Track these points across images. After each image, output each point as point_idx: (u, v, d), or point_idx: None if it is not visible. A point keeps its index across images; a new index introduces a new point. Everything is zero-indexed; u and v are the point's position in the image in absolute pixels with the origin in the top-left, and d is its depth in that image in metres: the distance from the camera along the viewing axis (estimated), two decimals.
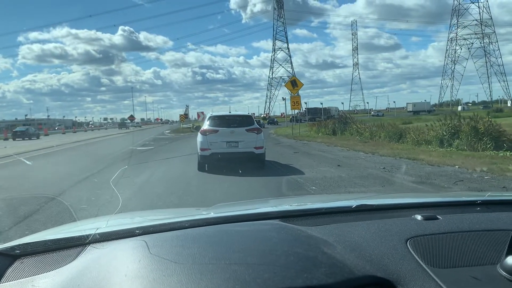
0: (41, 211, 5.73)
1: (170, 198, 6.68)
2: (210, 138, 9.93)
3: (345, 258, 0.99)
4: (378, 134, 20.44)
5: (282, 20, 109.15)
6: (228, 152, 9.90)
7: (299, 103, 28.28)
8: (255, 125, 10.62)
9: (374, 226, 1.22)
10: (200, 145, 9.97)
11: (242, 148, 9.92)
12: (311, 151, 15.33)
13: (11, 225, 4.83)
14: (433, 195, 3.41)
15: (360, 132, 22.69)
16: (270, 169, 10.13)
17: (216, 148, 9.81)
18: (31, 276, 1.04)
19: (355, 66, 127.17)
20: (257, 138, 10.12)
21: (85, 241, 1.18)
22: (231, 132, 10.06)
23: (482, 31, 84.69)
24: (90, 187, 7.91)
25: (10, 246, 1.18)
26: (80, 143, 26.79)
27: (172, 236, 1.18)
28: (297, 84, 28.20)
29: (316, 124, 31.26)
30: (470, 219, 1.26)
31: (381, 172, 9.31)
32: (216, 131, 10.04)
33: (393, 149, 14.42)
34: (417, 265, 0.98)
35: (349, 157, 12.75)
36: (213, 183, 8.29)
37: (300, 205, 1.84)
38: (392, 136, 18.52)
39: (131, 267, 0.96)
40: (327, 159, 12.35)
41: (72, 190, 7.75)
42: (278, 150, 15.91)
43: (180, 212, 1.94)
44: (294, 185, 7.69)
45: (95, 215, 5.17)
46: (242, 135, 10.01)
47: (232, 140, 9.95)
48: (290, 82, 28.15)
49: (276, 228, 1.23)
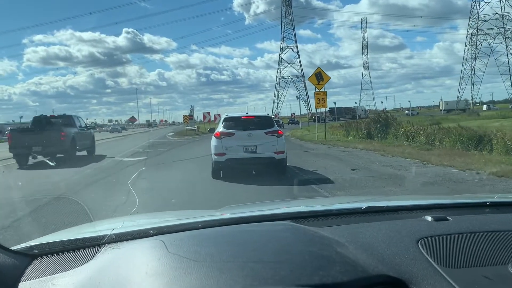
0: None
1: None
2: (225, 142, 8.95)
3: (358, 258, 1.00)
4: (437, 138, 15.68)
5: (290, 18, 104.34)
6: (245, 157, 8.96)
7: (325, 100, 23.47)
8: (275, 127, 9.42)
9: (384, 227, 1.23)
10: (214, 149, 9.03)
11: (261, 153, 8.95)
12: (374, 166, 10.51)
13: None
14: (443, 197, 3.15)
15: (410, 135, 17.88)
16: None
17: (232, 153, 8.90)
18: (50, 275, 1.06)
19: (364, 65, 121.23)
20: (277, 141, 9.10)
21: (101, 241, 1.19)
22: (249, 135, 9.08)
23: (504, 26, 79.60)
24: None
25: (28, 246, 1.20)
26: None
27: (188, 236, 1.19)
28: (323, 78, 23.41)
29: (343, 126, 26.26)
30: (480, 220, 1.28)
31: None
32: (231, 134, 9.06)
33: (496, 162, 9.65)
34: (429, 265, 0.98)
35: (456, 180, 7.94)
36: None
37: (311, 206, 1.86)
38: (465, 141, 13.72)
39: (151, 265, 0.98)
40: (428, 186, 7.60)
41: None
42: (317, 162, 11.15)
43: (193, 214, 1.94)
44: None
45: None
46: (261, 139, 9.03)
47: (249, 144, 8.96)
48: (314, 75, 23.34)
49: (289, 229, 1.25)
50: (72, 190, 8.05)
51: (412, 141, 17.31)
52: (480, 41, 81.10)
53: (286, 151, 9.41)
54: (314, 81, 23.32)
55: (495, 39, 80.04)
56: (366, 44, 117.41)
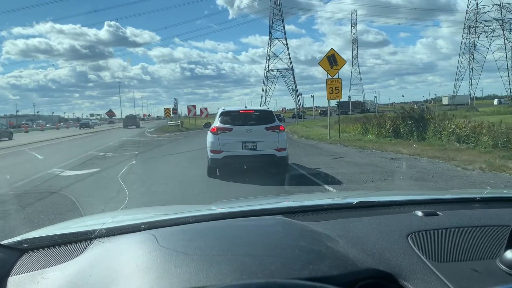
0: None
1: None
2: (222, 138, 8.20)
3: (348, 252, 1.00)
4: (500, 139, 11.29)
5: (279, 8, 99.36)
6: (244, 155, 8.18)
7: (339, 90, 18.83)
8: (277, 122, 8.59)
9: (375, 222, 1.23)
10: (210, 146, 8.25)
11: (261, 150, 8.18)
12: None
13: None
14: (433, 192, 3.15)
15: (462, 135, 13.37)
16: None
17: (229, 150, 8.12)
18: (40, 269, 1.05)
19: (354, 59, 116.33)
20: (279, 137, 8.35)
21: (91, 236, 1.19)
22: (248, 131, 8.28)
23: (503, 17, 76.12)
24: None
25: (18, 240, 1.19)
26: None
27: (178, 230, 1.19)
28: (337, 62, 18.78)
29: (362, 122, 21.53)
30: (469, 215, 1.28)
31: None
32: (229, 130, 8.29)
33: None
34: (418, 259, 0.98)
35: None
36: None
37: (302, 201, 1.85)
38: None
39: (141, 259, 0.97)
40: None
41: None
42: (383, 185, 6.48)
43: (184, 208, 1.91)
44: None
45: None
46: (261, 135, 8.26)
47: (249, 140, 8.21)
48: (326, 58, 18.63)
49: (280, 223, 1.24)
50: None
51: (467, 142, 12.84)
52: (478, 33, 77.48)
53: (287, 148, 8.67)
54: (326, 65, 18.64)
55: (494, 30, 76.44)
56: (355, 38, 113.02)
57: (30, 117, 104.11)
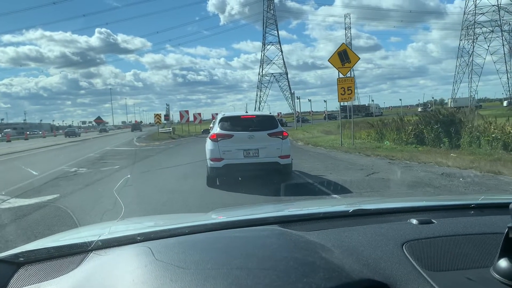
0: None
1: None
2: (222, 145, 7.65)
3: (343, 263, 0.99)
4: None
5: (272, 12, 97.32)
6: (245, 163, 7.62)
7: (352, 91, 16.46)
8: (280, 128, 8.09)
9: (370, 231, 1.22)
10: (210, 154, 7.69)
11: (264, 157, 7.67)
12: None
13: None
14: (429, 199, 3.14)
15: (507, 141, 11.04)
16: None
17: (230, 158, 7.59)
18: (36, 284, 1.03)
19: None
20: (282, 144, 7.85)
21: (87, 248, 1.17)
22: (249, 137, 7.74)
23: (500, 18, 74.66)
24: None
25: (14, 253, 1.17)
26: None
27: (174, 242, 1.18)
28: (350, 58, 16.42)
29: (374, 127, 19.09)
30: (464, 223, 1.27)
31: None
32: (230, 136, 7.74)
33: None
34: (413, 268, 0.97)
35: None
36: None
37: (298, 210, 1.84)
38: None
39: (137, 272, 0.96)
40: None
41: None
42: None
43: (180, 218, 1.90)
44: None
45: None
46: (264, 141, 7.74)
47: (250, 147, 7.67)
48: (337, 54, 16.27)
49: (275, 234, 1.23)
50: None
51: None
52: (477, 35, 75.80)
53: (291, 155, 8.11)
54: (336, 63, 16.29)
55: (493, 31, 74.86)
56: (350, 42, 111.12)
57: (21, 125, 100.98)
